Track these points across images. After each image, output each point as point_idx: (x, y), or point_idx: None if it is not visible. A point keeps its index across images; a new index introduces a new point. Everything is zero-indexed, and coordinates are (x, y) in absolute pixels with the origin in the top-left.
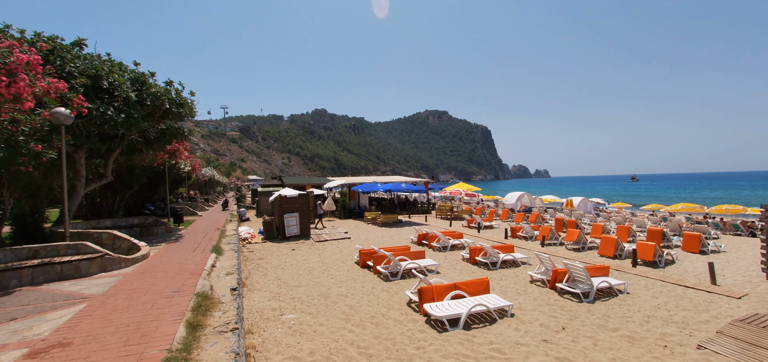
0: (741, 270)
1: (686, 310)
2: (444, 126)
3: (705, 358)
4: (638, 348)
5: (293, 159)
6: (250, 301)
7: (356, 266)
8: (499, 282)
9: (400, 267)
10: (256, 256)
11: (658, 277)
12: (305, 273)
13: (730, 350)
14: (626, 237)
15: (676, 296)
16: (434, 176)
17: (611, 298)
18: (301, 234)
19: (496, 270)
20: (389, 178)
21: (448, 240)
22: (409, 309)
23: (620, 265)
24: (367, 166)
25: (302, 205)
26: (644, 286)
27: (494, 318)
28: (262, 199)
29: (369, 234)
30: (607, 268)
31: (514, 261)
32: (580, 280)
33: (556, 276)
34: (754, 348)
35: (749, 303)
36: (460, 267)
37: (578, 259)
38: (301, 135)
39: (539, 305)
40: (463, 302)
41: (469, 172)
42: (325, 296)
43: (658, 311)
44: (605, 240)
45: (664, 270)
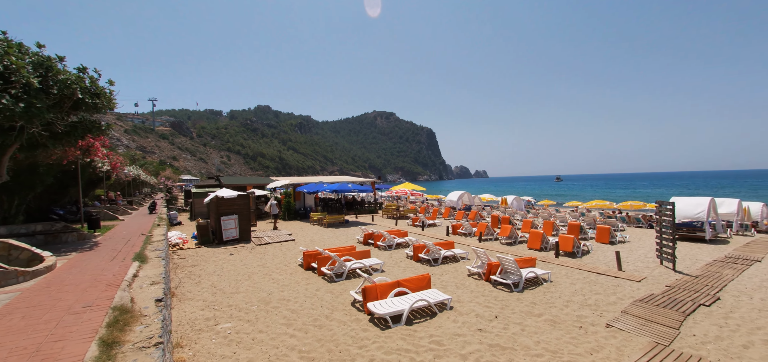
0: (641, 257)
1: (598, 294)
2: (391, 127)
3: (612, 335)
4: (559, 330)
5: (233, 157)
6: (180, 312)
7: (300, 269)
8: (440, 277)
9: (345, 268)
10: (189, 263)
11: (576, 266)
12: (244, 278)
13: (632, 326)
14: (551, 231)
15: (590, 282)
16: (381, 176)
17: (537, 287)
18: (241, 237)
19: (438, 266)
20: (337, 178)
21: (393, 239)
22: (353, 309)
23: (546, 257)
24: (314, 165)
25: (242, 207)
26: (565, 274)
27: (435, 311)
28: (196, 201)
29: (315, 236)
30: (534, 260)
31: (454, 256)
32: (511, 272)
33: (491, 269)
34: (650, 324)
35: (647, 285)
36: (405, 265)
37: (510, 253)
38: (243, 132)
39: (475, 297)
40: (405, 298)
41: (415, 172)
42: (265, 302)
43: (576, 296)
44: (533, 235)
45: (581, 260)
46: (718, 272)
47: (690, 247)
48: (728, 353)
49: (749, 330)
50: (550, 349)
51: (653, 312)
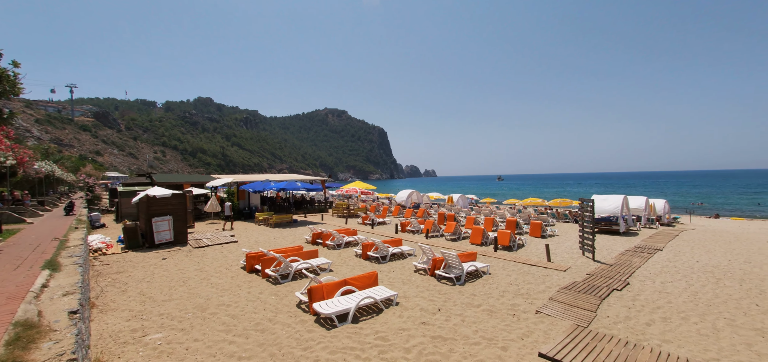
0: (567, 249)
1: (530, 284)
2: (343, 125)
3: (540, 320)
4: (495, 319)
5: (169, 153)
6: (101, 325)
7: (242, 271)
8: (387, 274)
9: (291, 269)
10: (114, 270)
11: (512, 258)
12: (178, 284)
13: (557, 311)
14: (491, 227)
15: (524, 273)
16: (332, 174)
17: (477, 279)
18: (176, 240)
19: (386, 263)
20: (285, 176)
21: (343, 238)
22: (299, 310)
23: (486, 251)
24: (261, 163)
25: (177, 207)
26: (502, 267)
27: (381, 308)
28: (123, 201)
29: (260, 237)
30: (475, 254)
31: (402, 253)
32: (454, 266)
33: (435, 264)
34: (572, 308)
35: (571, 274)
36: (353, 263)
37: (454, 248)
38: (180, 125)
39: (421, 291)
40: (352, 297)
41: (367, 171)
42: (202, 308)
43: (511, 286)
44: (475, 231)
45: (516, 253)
46: (629, 260)
47: (607, 239)
48: (634, 331)
49: (651, 310)
50: (487, 337)
51: (575, 298)
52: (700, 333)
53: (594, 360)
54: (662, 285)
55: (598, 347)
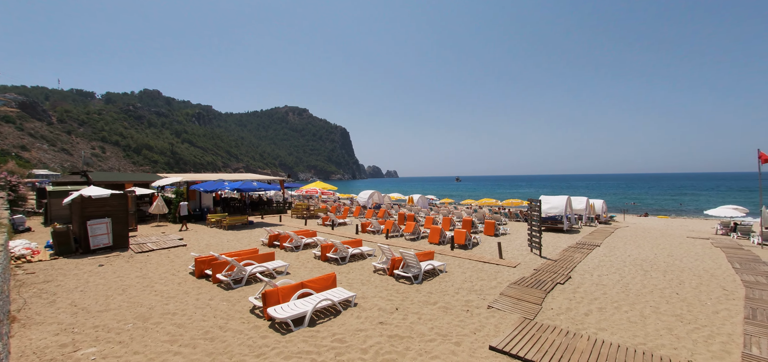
0: (517, 246)
1: (483, 280)
2: (304, 124)
3: (492, 314)
4: (450, 315)
5: (110, 149)
6: (23, 340)
7: (191, 277)
8: (346, 275)
9: (245, 273)
10: (40, 279)
11: (467, 257)
12: (117, 293)
13: (507, 306)
14: (448, 226)
15: (478, 270)
16: (292, 174)
17: (434, 277)
18: (115, 244)
19: (346, 264)
20: (241, 175)
21: (301, 240)
22: (253, 316)
23: (443, 250)
24: (215, 161)
25: (117, 208)
26: (458, 265)
27: (339, 310)
28: (53, 202)
29: (211, 240)
30: (433, 253)
31: (362, 254)
32: (412, 265)
33: (394, 263)
34: (520, 302)
35: (520, 270)
36: (312, 266)
37: (413, 248)
38: (123, 119)
39: (379, 291)
40: (309, 300)
41: (329, 171)
42: (144, 318)
43: (465, 283)
44: (433, 230)
45: (471, 251)
46: (571, 256)
47: (553, 237)
48: (574, 321)
49: (589, 301)
50: (442, 333)
51: (523, 293)
52: (630, 321)
53: (538, 350)
54: (599, 278)
55: (542, 337)
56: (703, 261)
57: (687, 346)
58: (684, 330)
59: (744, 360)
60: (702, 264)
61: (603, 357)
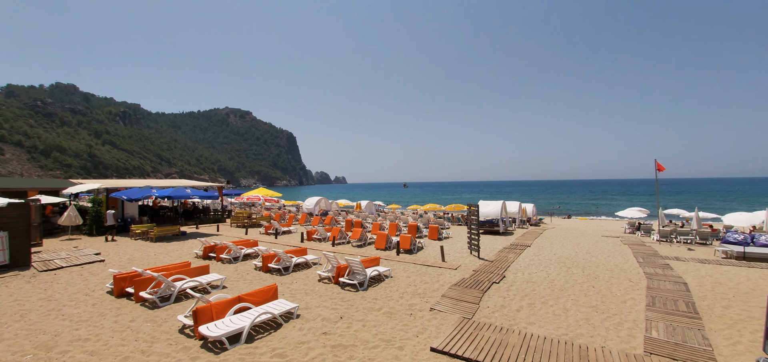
0: (459, 249)
1: (426, 283)
2: (247, 127)
3: (433, 316)
4: (394, 320)
5: (10, 151)
6: None
7: (109, 297)
8: (290, 285)
9: (174, 289)
10: None
11: (411, 261)
12: (14, 320)
13: (448, 307)
14: (395, 232)
15: (422, 273)
16: (232, 180)
17: (380, 283)
18: (13, 262)
19: (289, 275)
20: (174, 181)
21: (240, 250)
22: (182, 336)
23: (389, 255)
24: (144, 166)
25: (16, 219)
26: (403, 269)
27: (280, 322)
28: None
29: (136, 253)
30: (379, 259)
31: (307, 263)
32: (358, 272)
33: (339, 271)
34: (460, 303)
35: (460, 272)
36: (252, 277)
37: (359, 254)
38: (29, 116)
39: (324, 301)
40: (247, 314)
41: (274, 177)
42: (47, 347)
43: (410, 287)
44: (380, 236)
45: (416, 255)
46: (506, 256)
47: (490, 239)
48: (508, 317)
49: (520, 298)
50: (386, 338)
51: (463, 293)
52: (555, 314)
53: (475, 347)
54: (529, 276)
55: (479, 335)
56: (614, 257)
57: (601, 334)
58: (599, 319)
59: (646, 342)
60: (613, 259)
61: (532, 349)
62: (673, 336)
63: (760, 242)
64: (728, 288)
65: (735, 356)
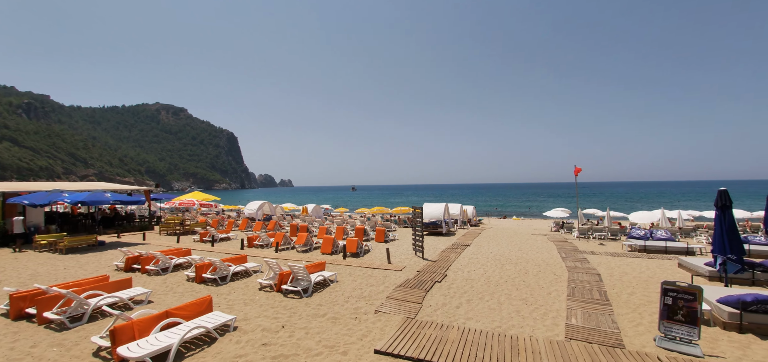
0: (404, 251)
1: (372, 286)
2: (181, 125)
3: (378, 318)
4: (338, 325)
5: None
6: None
7: (5, 320)
8: (227, 296)
9: (87, 307)
10: None
11: (358, 264)
12: None
13: (392, 308)
14: (342, 235)
15: (368, 276)
16: (162, 184)
17: (325, 288)
18: None
19: (226, 285)
20: (91, 184)
21: (170, 260)
22: (97, 360)
23: (336, 259)
24: (53, 166)
25: None
26: (349, 273)
27: (215, 336)
28: None
29: (40, 268)
30: (324, 264)
31: (247, 271)
32: (302, 278)
33: (282, 278)
34: (404, 303)
35: (405, 273)
36: (183, 290)
37: (305, 259)
38: None
39: (264, 310)
40: (176, 330)
41: (212, 180)
42: None
43: (355, 291)
44: (326, 240)
45: (362, 258)
46: (448, 256)
47: (434, 240)
48: (448, 314)
49: (460, 295)
50: (329, 344)
51: (407, 294)
52: (490, 309)
53: (417, 346)
54: (468, 274)
55: (421, 334)
56: (541, 253)
57: (530, 324)
58: (528, 310)
59: (566, 329)
60: (541, 255)
61: (469, 343)
62: (589, 322)
63: (657, 236)
64: (632, 277)
65: (637, 335)
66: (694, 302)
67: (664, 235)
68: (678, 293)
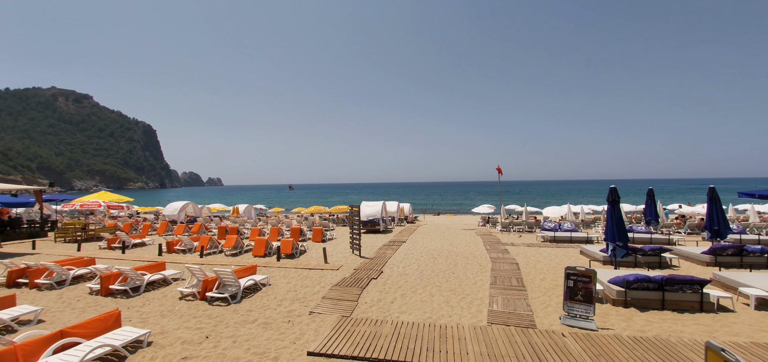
0: (342, 249)
1: (307, 287)
2: (85, 114)
3: (313, 320)
4: (270, 330)
5: None
6: None
7: None
8: (140, 309)
9: None
10: None
11: (293, 265)
12: None
13: (328, 308)
14: (276, 237)
15: (303, 277)
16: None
17: (256, 293)
18: None
19: (140, 296)
20: None
21: (69, 272)
22: None
23: (269, 261)
24: None
25: None
26: (283, 275)
27: (124, 355)
28: None
29: None
30: (256, 267)
31: (165, 279)
32: (229, 284)
33: (207, 285)
34: (340, 302)
35: (342, 272)
36: (85, 304)
37: (235, 263)
38: None
39: (185, 321)
40: (73, 352)
41: (125, 179)
42: None
43: (289, 293)
44: (258, 242)
45: (298, 259)
46: (384, 253)
47: (372, 237)
48: (383, 310)
49: (395, 290)
50: (260, 351)
51: (343, 293)
52: (423, 301)
53: (351, 343)
54: (403, 269)
55: (356, 331)
56: (469, 246)
57: (457, 313)
58: (456, 300)
59: (489, 314)
60: (469, 248)
61: (402, 336)
62: (507, 307)
63: (564, 229)
64: (544, 264)
65: (547, 315)
66: (590, 283)
67: (570, 227)
68: (578, 276)
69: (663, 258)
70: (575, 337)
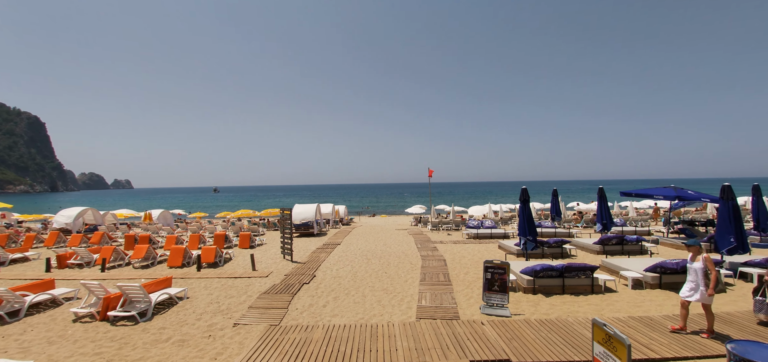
0: (272, 255)
1: (232, 297)
2: None
3: (237, 332)
4: (187, 348)
5: None
6: None
7: None
8: (20, 337)
9: None
10: None
11: (216, 275)
12: None
13: (254, 318)
14: (197, 244)
15: (228, 287)
16: None
17: (171, 308)
18: None
19: (20, 321)
20: None
21: None
22: None
23: (187, 272)
24: None
25: None
26: (204, 286)
27: None
28: None
29: None
30: (170, 279)
31: (54, 299)
32: (137, 300)
33: (109, 303)
34: (268, 311)
35: (272, 279)
36: None
37: (145, 276)
38: None
39: (80, 347)
40: None
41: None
42: None
43: (211, 305)
44: (174, 251)
45: (223, 268)
46: (318, 256)
47: (305, 241)
48: (314, 314)
49: (327, 293)
50: None
51: (272, 301)
52: (355, 302)
53: (279, 352)
54: (337, 271)
55: (284, 339)
56: (402, 245)
57: (389, 311)
58: (388, 299)
59: (418, 310)
60: (401, 247)
61: (334, 339)
62: (435, 301)
63: (485, 226)
64: (468, 259)
65: (469, 306)
66: (505, 275)
67: (490, 224)
68: (494, 269)
69: (564, 250)
70: (492, 324)
